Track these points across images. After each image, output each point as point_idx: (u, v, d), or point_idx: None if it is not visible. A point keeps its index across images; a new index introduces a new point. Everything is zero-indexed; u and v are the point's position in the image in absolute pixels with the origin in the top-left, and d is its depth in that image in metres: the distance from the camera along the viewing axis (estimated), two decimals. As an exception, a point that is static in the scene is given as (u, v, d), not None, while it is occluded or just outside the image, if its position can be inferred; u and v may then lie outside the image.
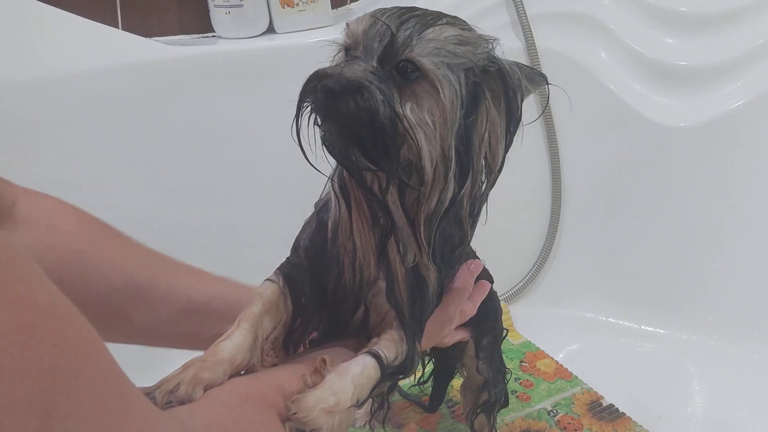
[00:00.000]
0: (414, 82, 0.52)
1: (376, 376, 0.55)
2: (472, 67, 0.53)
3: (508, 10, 1.29)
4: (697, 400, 1.12)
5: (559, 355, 1.22)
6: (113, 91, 1.06)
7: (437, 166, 0.53)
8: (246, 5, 1.18)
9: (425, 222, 0.55)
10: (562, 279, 1.37)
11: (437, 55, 0.52)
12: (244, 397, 0.51)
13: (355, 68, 0.51)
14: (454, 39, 0.53)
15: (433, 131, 0.52)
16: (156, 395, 0.49)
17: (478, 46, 0.54)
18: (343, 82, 0.50)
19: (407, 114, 0.52)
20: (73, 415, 0.30)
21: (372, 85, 0.50)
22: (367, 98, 0.50)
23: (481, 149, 0.55)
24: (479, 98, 0.54)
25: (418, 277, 0.59)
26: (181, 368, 0.51)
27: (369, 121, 0.50)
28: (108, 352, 0.35)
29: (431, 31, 0.52)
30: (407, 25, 0.52)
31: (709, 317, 1.25)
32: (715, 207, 1.25)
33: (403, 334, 0.59)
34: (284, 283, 0.60)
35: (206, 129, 1.14)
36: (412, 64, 0.51)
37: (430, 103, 0.52)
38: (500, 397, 0.87)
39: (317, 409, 0.50)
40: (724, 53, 1.25)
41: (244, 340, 0.55)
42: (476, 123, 0.55)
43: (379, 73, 0.52)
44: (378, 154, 0.52)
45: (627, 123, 1.28)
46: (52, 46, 1.02)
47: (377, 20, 0.53)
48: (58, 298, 0.32)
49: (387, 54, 0.52)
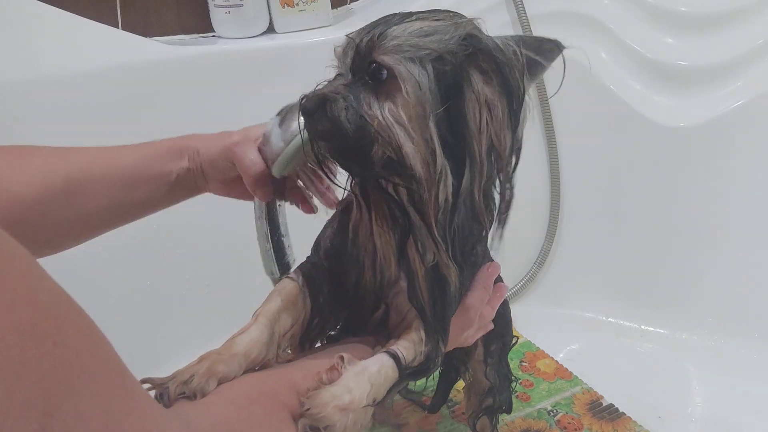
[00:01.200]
0: (386, 83, 0.52)
1: (393, 377, 0.55)
2: (439, 56, 0.52)
3: (508, 10, 1.29)
4: (697, 400, 1.12)
5: (559, 355, 1.22)
6: (113, 91, 1.06)
7: (427, 162, 0.52)
8: (246, 5, 1.18)
9: (436, 219, 0.55)
10: (562, 279, 1.37)
11: (398, 51, 0.51)
12: (255, 396, 0.51)
13: (330, 85, 0.54)
14: (419, 32, 0.52)
15: (411, 126, 0.52)
16: (169, 386, 0.49)
17: (446, 33, 0.52)
18: (314, 99, 0.53)
19: (384, 115, 0.52)
20: (74, 415, 0.30)
21: (337, 95, 0.52)
22: (333, 108, 0.52)
23: (480, 135, 0.53)
24: (460, 83, 0.52)
25: (439, 276, 0.58)
26: (197, 360, 0.52)
27: (336, 130, 0.52)
28: (111, 349, 0.35)
29: (394, 30, 0.52)
30: (372, 32, 0.53)
31: (709, 317, 1.25)
32: (715, 207, 1.25)
33: (422, 335, 0.58)
34: (304, 281, 0.60)
35: (206, 129, 1.13)
36: (377, 64, 0.52)
37: (402, 100, 0.52)
38: (504, 403, 0.87)
39: (331, 405, 0.49)
40: (724, 53, 1.25)
41: (260, 335, 0.55)
42: (464, 109, 0.53)
43: (351, 83, 0.53)
44: (351, 160, 0.54)
45: (627, 123, 1.28)
46: (52, 46, 1.02)
47: (348, 38, 0.55)
48: (59, 296, 0.32)
49: (356, 63, 0.53)
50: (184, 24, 1.23)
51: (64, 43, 1.03)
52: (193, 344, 1.13)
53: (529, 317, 1.31)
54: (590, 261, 1.36)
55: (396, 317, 0.61)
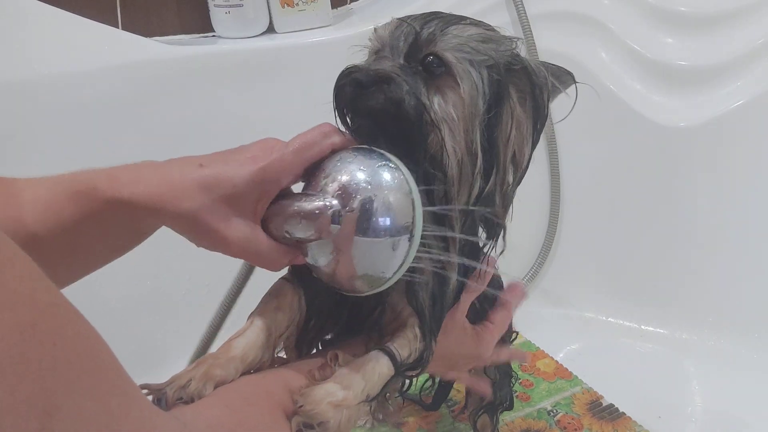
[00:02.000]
0: (439, 78, 0.54)
1: (388, 374, 0.55)
2: (494, 65, 0.54)
3: (508, 10, 1.29)
4: (697, 400, 1.12)
5: (559, 354, 1.22)
6: (113, 91, 1.06)
7: (463, 161, 0.54)
8: (246, 5, 1.18)
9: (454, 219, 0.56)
10: (562, 279, 1.37)
11: (460, 50, 0.53)
12: (250, 397, 0.50)
13: (383, 63, 0.54)
14: (478, 36, 0.54)
15: (458, 125, 0.54)
16: (167, 391, 0.49)
17: (501, 44, 0.56)
18: (372, 74, 0.52)
19: (434, 106, 0.53)
20: (73, 415, 0.30)
21: (399, 77, 0.52)
22: (393, 89, 0.52)
23: (508, 148, 0.56)
24: (503, 96, 0.55)
25: (440, 277, 0.58)
26: (194, 365, 0.51)
27: (396, 111, 0.52)
28: (110, 351, 0.35)
29: (454, 29, 0.54)
30: (431, 24, 0.54)
31: (709, 317, 1.25)
32: (715, 207, 1.25)
33: (417, 332, 0.58)
34: (299, 282, 0.60)
35: (206, 128, 1.14)
36: (437, 57, 0.53)
37: (454, 98, 0.53)
38: (505, 400, 0.87)
39: (325, 402, 0.49)
40: (724, 53, 1.25)
41: (257, 338, 0.55)
42: (500, 121, 0.55)
43: (405, 68, 0.54)
44: (405, 145, 0.53)
45: (627, 123, 1.28)
46: (52, 46, 1.02)
47: (402, 22, 0.55)
48: (58, 297, 0.32)
49: (412, 50, 0.54)
50: (184, 24, 1.23)
51: (64, 43, 1.03)
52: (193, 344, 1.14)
53: (529, 317, 1.30)
54: (590, 261, 1.36)
55: (390, 315, 0.60)
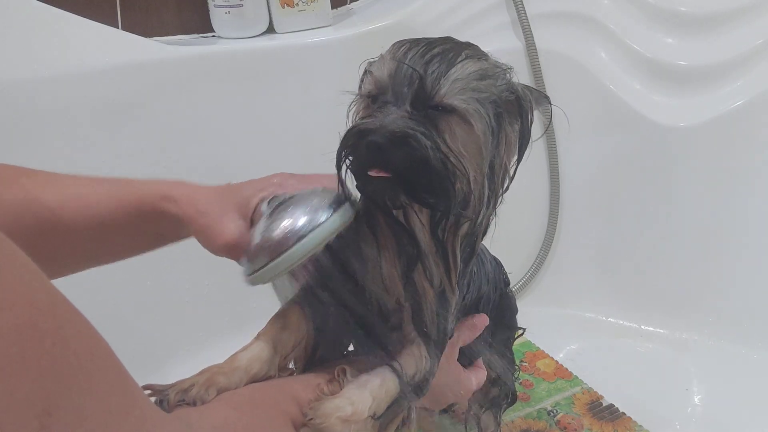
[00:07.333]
0: (445, 115, 0.53)
1: (395, 391, 0.56)
2: (495, 100, 0.55)
3: (508, 10, 1.29)
4: (697, 400, 1.12)
5: (559, 355, 1.22)
6: (113, 91, 1.06)
7: (482, 195, 0.56)
8: (246, 5, 1.18)
9: (461, 247, 0.58)
10: (561, 279, 1.37)
11: (464, 92, 0.53)
12: (257, 402, 0.51)
13: (393, 117, 0.52)
14: (476, 75, 0.55)
15: (469, 160, 0.54)
16: (169, 393, 0.50)
17: (497, 78, 0.56)
18: (388, 135, 0.51)
19: (453, 152, 0.53)
20: (73, 414, 0.30)
21: (416, 132, 0.51)
22: (416, 147, 0.51)
23: (500, 170, 0.58)
24: (501, 125, 0.57)
25: (442, 299, 0.60)
26: (199, 372, 0.53)
27: (424, 168, 0.52)
28: (110, 350, 0.35)
29: (455, 71, 0.54)
30: (432, 67, 0.53)
31: (709, 317, 1.25)
32: (715, 207, 1.25)
33: (424, 351, 0.60)
34: (306, 305, 0.60)
35: (206, 128, 1.14)
36: (447, 106, 0.53)
37: (462, 135, 0.54)
38: (509, 393, 0.88)
39: (334, 416, 0.51)
40: (724, 53, 1.25)
41: (261, 351, 0.56)
42: (498, 147, 0.57)
43: (414, 116, 0.53)
44: (434, 196, 0.53)
45: (627, 123, 1.28)
46: (52, 46, 1.02)
47: (401, 64, 0.53)
48: (58, 297, 0.32)
49: (418, 98, 0.53)
50: (184, 24, 1.23)
51: (64, 43, 1.03)
52: (194, 344, 1.14)
53: (528, 317, 1.30)
54: (590, 261, 1.36)
55: (396, 333, 0.61)
